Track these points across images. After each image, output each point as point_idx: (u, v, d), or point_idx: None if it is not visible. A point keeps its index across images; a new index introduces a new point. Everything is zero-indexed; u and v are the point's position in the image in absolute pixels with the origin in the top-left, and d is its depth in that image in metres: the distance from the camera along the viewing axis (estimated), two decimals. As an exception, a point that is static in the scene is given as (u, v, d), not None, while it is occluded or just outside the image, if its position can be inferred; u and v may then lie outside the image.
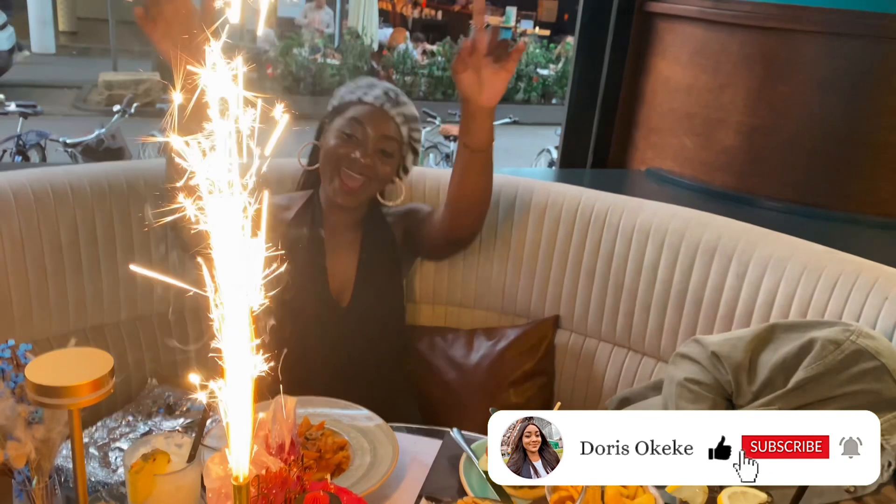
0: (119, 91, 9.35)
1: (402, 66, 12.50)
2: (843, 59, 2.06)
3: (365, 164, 1.58)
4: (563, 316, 1.92)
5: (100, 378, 0.79)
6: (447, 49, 12.90)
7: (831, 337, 1.22)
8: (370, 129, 1.59)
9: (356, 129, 1.59)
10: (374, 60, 12.63)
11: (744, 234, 1.69)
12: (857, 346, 1.19)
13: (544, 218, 1.90)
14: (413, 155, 1.70)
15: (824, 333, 1.23)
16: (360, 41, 12.50)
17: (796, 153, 2.14)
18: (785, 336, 1.29)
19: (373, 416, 1.30)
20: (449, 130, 6.90)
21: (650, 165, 2.49)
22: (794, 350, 1.24)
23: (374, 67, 12.53)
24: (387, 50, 12.89)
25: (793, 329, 1.30)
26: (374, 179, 1.61)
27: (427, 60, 12.88)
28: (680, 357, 1.37)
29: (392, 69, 12.49)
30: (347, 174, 1.58)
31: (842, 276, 1.55)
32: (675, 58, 2.34)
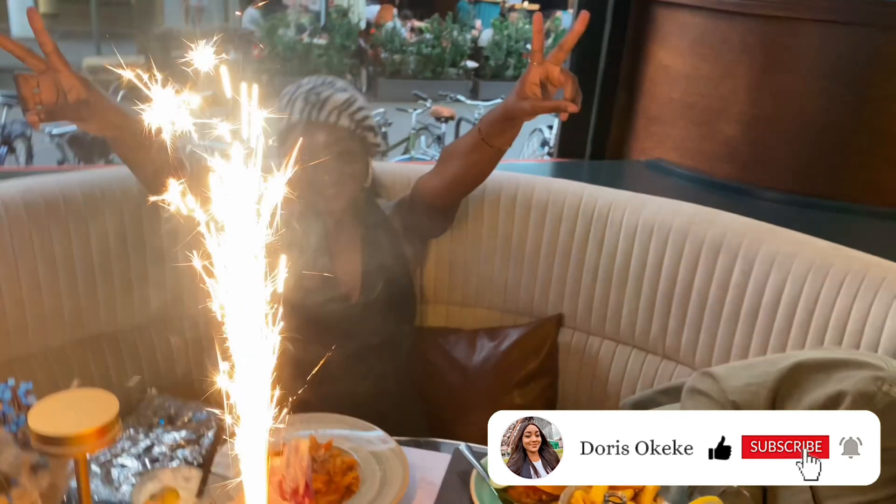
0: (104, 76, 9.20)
1: (390, 44, 12.35)
2: (846, 47, 2.03)
3: (332, 184, 1.55)
4: (567, 314, 1.90)
5: (106, 424, 0.77)
6: (436, 26, 12.75)
7: (861, 389, 1.14)
8: (314, 144, 1.51)
9: (304, 152, 1.49)
10: (362, 39, 12.48)
11: (749, 231, 1.67)
12: (889, 399, 1.12)
13: (546, 215, 1.87)
14: (371, 132, 1.61)
15: (853, 384, 1.15)
16: (346, 20, 12.33)
17: (798, 143, 2.12)
18: (810, 380, 1.21)
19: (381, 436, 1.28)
20: (440, 112, 6.82)
21: (650, 156, 2.46)
22: (819, 402, 1.17)
23: (361, 46, 12.39)
24: (374, 28, 12.73)
25: (818, 370, 1.21)
26: (347, 181, 1.57)
27: (416, 38, 12.73)
28: (696, 393, 1.30)
29: (380, 48, 12.35)
30: (321, 189, 1.55)
31: (849, 274, 1.53)
32: (674, 46, 2.30)
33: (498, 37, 13.17)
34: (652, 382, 1.79)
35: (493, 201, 1.90)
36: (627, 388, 1.82)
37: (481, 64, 13.11)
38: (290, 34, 11.85)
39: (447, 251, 1.93)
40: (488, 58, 13.12)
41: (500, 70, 13.08)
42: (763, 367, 1.27)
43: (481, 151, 1.56)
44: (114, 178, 1.69)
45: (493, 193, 1.90)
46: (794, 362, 1.24)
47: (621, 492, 1.06)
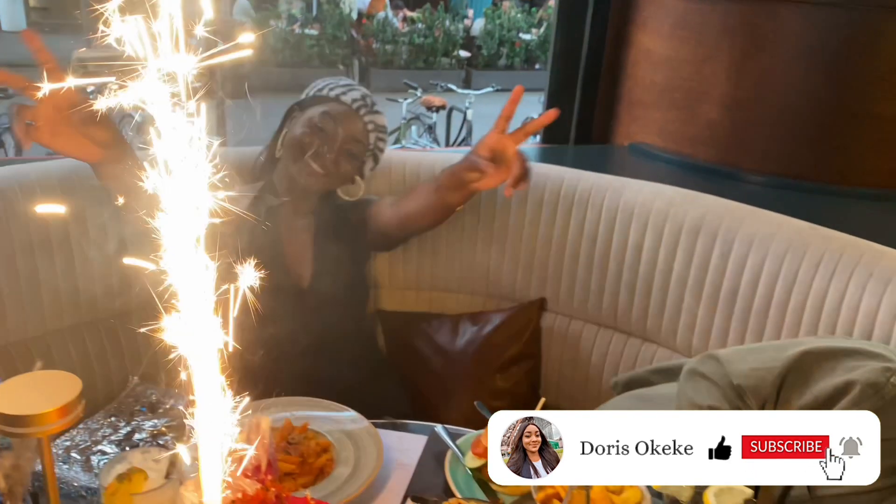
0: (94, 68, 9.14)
1: (382, 34, 12.30)
2: (826, 28, 2.03)
3: (329, 160, 1.59)
4: (549, 298, 1.91)
5: (68, 403, 0.77)
6: (428, 15, 12.70)
7: (870, 379, 1.13)
8: (341, 128, 1.60)
9: (327, 124, 1.59)
10: (354, 29, 12.42)
11: (728, 212, 1.68)
12: None
13: (527, 199, 1.87)
14: (373, 162, 1.73)
15: (862, 374, 1.15)
16: (338, 10, 12.27)
17: (780, 126, 2.12)
18: (818, 368, 1.20)
19: (356, 416, 1.28)
20: (431, 101, 6.81)
21: (633, 140, 2.47)
22: (827, 391, 1.17)
23: (353, 37, 12.33)
24: (366, 18, 12.67)
25: (826, 359, 1.21)
26: (334, 176, 1.62)
27: (408, 28, 12.69)
28: (697, 375, 1.30)
29: (372, 38, 12.30)
30: (309, 163, 1.58)
31: (826, 254, 1.54)
32: (656, 30, 2.29)
33: (490, 26, 13.12)
34: (634, 364, 1.80)
35: (475, 186, 1.89)
36: (610, 371, 1.82)
37: (474, 53, 13.07)
38: (282, 25, 11.80)
39: (430, 237, 1.93)
40: (481, 47, 13.08)
41: (492, 59, 13.03)
42: (770, 353, 1.26)
43: (434, 201, 1.60)
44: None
45: (474, 178, 1.90)
46: (802, 350, 1.23)
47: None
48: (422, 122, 6.86)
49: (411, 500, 1.14)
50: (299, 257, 1.68)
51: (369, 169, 1.73)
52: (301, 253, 1.68)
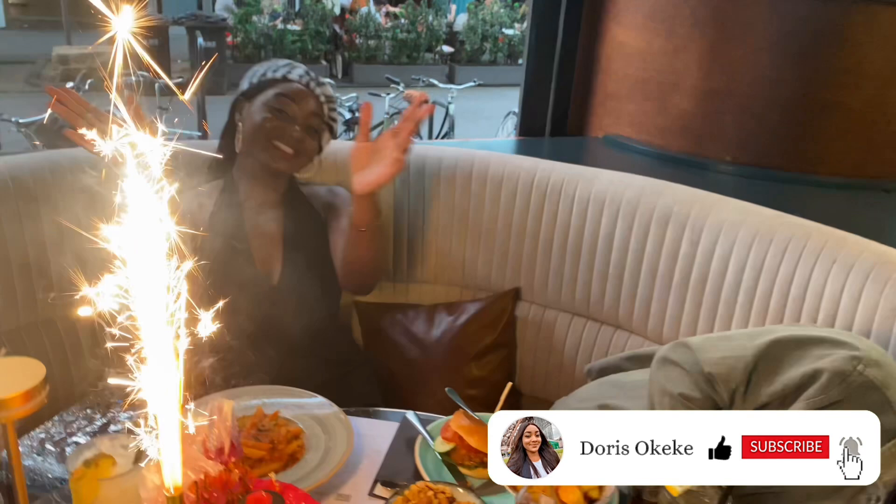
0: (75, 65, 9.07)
1: (364, 29, 12.28)
2: (794, 20, 2.06)
3: (298, 139, 1.61)
4: (523, 288, 1.93)
5: (32, 388, 0.78)
6: (410, 10, 12.68)
7: (838, 368, 1.15)
8: (299, 105, 1.62)
9: (286, 104, 1.61)
10: (337, 24, 12.39)
11: (697, 201, 1.70)
12: (864, 379, 1.13)
13: (501, 190, 1.89)
14: (330, 134, 1.74)
15: (830, 362, 1.17)
16: (320, 5, 12.23)
17: (749, 116, 2.15)
18: (787, 357, 1.22)
19: (325, 402, 1.30)
20: (413, 96, 6.81)
21: (608, 132, 2.49)
22: (795, 379, 1.18)
23: (336, 32, 12.30)
24: (349, 13, 12.64)
25: (795, 347, 1.23)
26: (302, 153, 1.64)
27: (391, 23, 12.67)
28: (669, 363, 1.31)
29: (355, 33, 12.27)
30: (280, 146, 1.59)
31: (792, 241, 1.57)
32: (628, 22, 2.32)
33: (473, 21, 13.13)
34: (607, 352, 1.82)
35: (450, 178, 1.91)
36: (583, 358, 1.85)
37: (457, 49, 13.07)
38: (264, 21, 11.74)
39: (405, 229, 1.94)
40: (464, 42, 13.09)
41: (475, 54, 13.04)
42: (740, 341, 1.28)
43: (348, 232, 1.64)
44: (64, 159, 1.68)
45: (448, 171, 1.92)
46: (771, 338, 1.25)
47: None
48: (404, 117, 6.86)
49: (381, 484, 1.16)
50: (268, 253, 1.68)
51: (326, 141, 1.73)
52: (270, 248, 1.68)
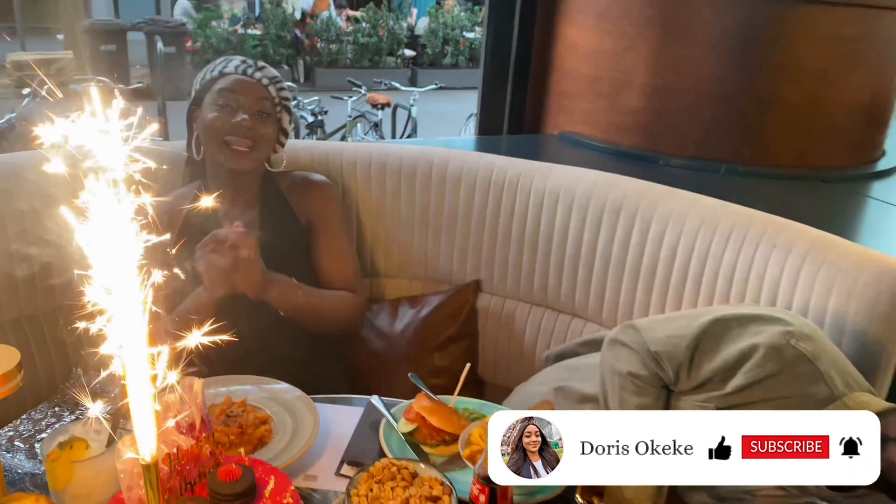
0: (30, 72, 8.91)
1: (326, 33, 12.27)
2: (737, 20, 2.16)
3: (248, 127, 1.60)
4: (484, 280, 1.99)
5: (6, 373, 0.81)
6: (372, 15, 12.71)
7: (773, 342, 1.24)
8: (242, 94, 1.62)
9: (229, 97, 1.62)
10: (298, 29, 12.36)
11: (645, 193, 1.78)
12: (797, 352, 1.23)
13: (461, 186, 1.95)
14: (287, 114, 1.73)
15: (765, 337, 1.25)
16: (281, 9, 12.19)
17: (696, 111, 2.25)
18: (726, 334, 1.30)
19: (292, 388, 1.34)
20: (376, 98, 6.85)
21: (563, 129, 2.57)
22: (734, 355, 1.27)
23: (297, 36, 12.27)
24: (310, 18, 12.62)
25: (733, 325, 1.31)
26: (260, 142, 1.64)
27: (352, 27, 12.69)
28: (618, 344, 1.38)
29: (316, 37, 12.26)
30: (233, 140, 1.60)
31: (735, 228, 1.65)
32: (581, 23, 2.41)
33: (434, 25, 13.21)
34: (564, 339, 1.89)
35: (410, 176, 1.97)
36: (542, 346, 1.92)
37: (419, 52, 13.13)
38: (224, 25, 11.67)
39: (368, 225, 1.99)
40: (425, 46, 13.15)
41: (437, 58, 13.12)
42: (684, 321, 1.36)
43: None
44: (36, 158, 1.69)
45: (409, 168, 1.97)
46: (712, 318, 1.33)
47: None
48: (367, 120, 6.90)
49: (347, 464, 1.21)
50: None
51: (288, 122, 1.73)
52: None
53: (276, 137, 1.70)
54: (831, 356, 1.28)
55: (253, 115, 1.62)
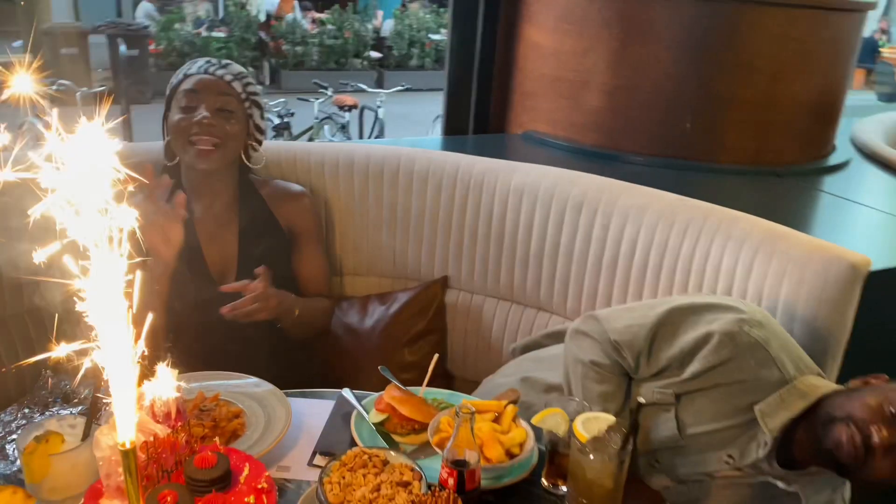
0: (-12, 77, 8.71)
1: (291, 36, 12.22)
2: (693, 21, 2.24)
3: (210, 125, 1.61)
4: (452, 276, 2.03)
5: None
6: (337, 17, 12.69)
7: (726, 329, 1.30)
8: (203, 93, 1.63)
9: (191, 98, 1.63)
10: (263, 31, 12.29)
11: (606, 189, 1.84)
12: (749, 339, 1.29)
13: (427, 185, 1.99)
14: (258, 109, 1.73)
15: (720, 325, 1.31)
16: (245, 12, 12.12)
17: (654, 110, 2.32)
18: (683, 322, 1.36)
19: (263, 382, 1.36)
20: (343, 100, 6.86)
21: (526, 128, 2.63)
22: (690, 342, 1.33)
23: (262, 39, 12.19)
24: (275, 20, 12.56)
25: (690, 313, 1.37)
26: (226, 139, 1.64)
27: (317, 29, 12.65)
28: (581, 334, 1.45)
29: (281, 39, 12.20)
30: (198, 140, 1.61)
31: (692, 222, 1.72)
32: (542, 24, 2.46)
33: (400, 27, 13.23)
34: (530, 332, 1.94)
35: (378, 175, 2.00)
36: (509, 339, 1.96)
37: (385, 54, 13.14)
38: (188, 28, 11.56)
39: (337, 224, 2.02)
40: (391, 48, 13.17)
41: (403, 60, 13.14)
42: (642, 311, 1.42)
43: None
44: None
45: (377, 167, 2.00)
46: (669, 307, 1.40)
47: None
48: (335, 122, 6.90)
49: (319, 454, 1.24)
50: (221, 257, 1.72)
51: (260, 118, 1.74)
52: (223, 252, 1.72)
53: (245, 134, 1.70)
54: (782, 341, 1.35)
55: (215, 113, 1.63)
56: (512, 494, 1.18)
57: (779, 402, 1.28)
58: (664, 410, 1.35)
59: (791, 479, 1.31)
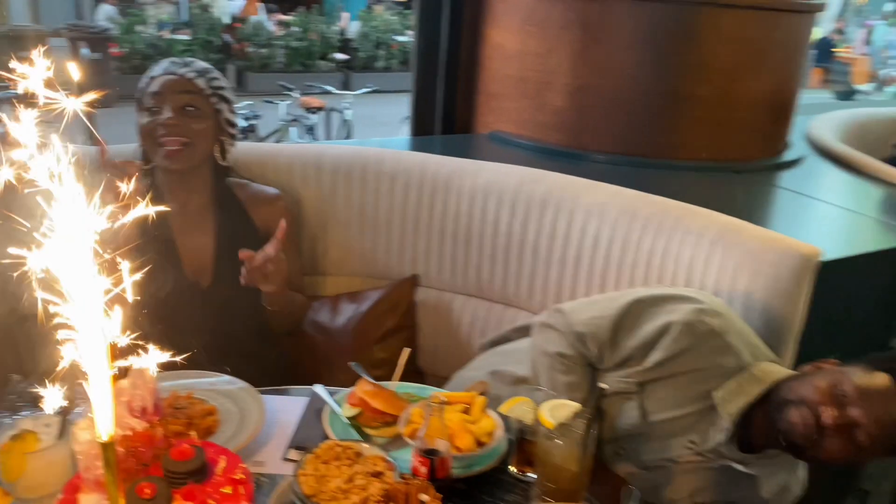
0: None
1: (256, 38, 12.14)
2: (652, 22, 2.30)
3: (174, 125, 1.62)
4: (422, 274, 2.06)
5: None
6: (302, 19, 12.64)
7: (685, 319, 1.36)
8: (166, 94, 1.64)
9: (155, 100, 1.64)
10: (227, 34, 12.19)
11: (569, 186, 1.89)
12: (707, 327, 1.35)
13: (396, 184, 2.02)
14: (226, 103, 1.73)
15: (679, 315, 1.37)
16: (208, 14, 12.01)
17: (616, 109, 2.38)
18: (644, 313, 1.42)
19: (236, 380, 1.38)
20: (309, 102, 6.85)
21: (492, 129, 2.67)
22: (651, 332, 1.38)
23: (226, 41, 12.10)
24: (239, 22, 12.47)
25: (651, 304, 1.43)
26: (194, 138, 1.65)
27: (283, 31, 12.59)
28: (547, 327, 1.50)
29: (246, 42, 12.11)
30: (165, 141, 1.62)
31: (653, 217, 1.77)
32: (506, 26, 2.51)
33: (365, 29, 13.23)
34: (499, 328, 1.97)
35: (347, 175, 2.02)
36: (478, 335, 2.00)
37: (352, 56, 13.13)
38: (151, 31, 11.42)
39: (307, 224, 2.04)
40: (357, 49, 13.16)
41: (370, 61, 13.14)
42: (605, 303, 1.48)
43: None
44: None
45: (345, 167, 2.03)
46: (630, 299, 1.45)
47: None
48: (302, 124, 6.89)
49: (293, 449, 1.27)
50: (197, 257, 1.73)
51: (228, 112, 1.73)
52: (199, 253, 1.73)
53: (215, 130, 1.70)
54: (739, 330, 1.41)
55: (180, 112, 1.63)
56: (482, 482, 1.22)
57: (736, 388, 1.34)
58: (628, 399, 1.40)
59: (750, 462, 1.36)
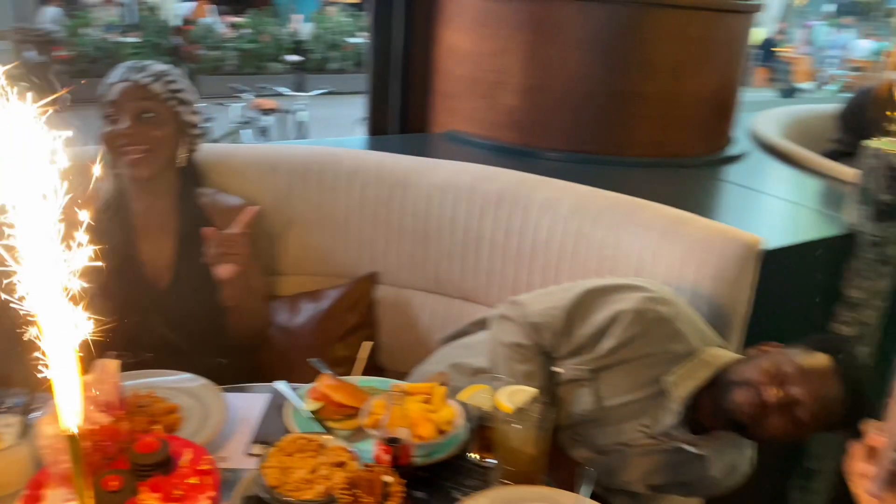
0: None
1: (207, 40, 11.98)
2: (600, 22, 2.37)
3: (130, 134, 1.61)
4: (381, 271, 2.09)
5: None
6: (254, 21, 12.52)
7: (635, 307, 1.41)
8: (122, 102, 1.62)
9: (113, 108, 1.63)
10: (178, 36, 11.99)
11: (522, 183, 1.94)
12: (656, 315, 1.40)
13: (354, 183, 2.04)
14: (185, 105, 1.71)
15: (628, 303, 1.42)
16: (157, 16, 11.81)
17: (566, 108, 2.44)
18: (595, 302, 1.47)
19: (196, 377, 1.39)
20: (262, 104, 6.81)
21: (448, 128, 2.71)
22: (603, 320, 1.43)
23: (176, 44, 11.90)
24: (190, 24, 12.28)
25: (603, 294, 1.48)
26: (154, 144, 1.64)
27: (234, 33, 12.44)
28: (504, 319, 1.54)
29: (197, 44, 11.94)
30: (125, 150, 1.62)
31: (604, 211, 1.83)
32: (458, 27, 2.55)
33: (319, 30, 13.16)
34: (457, 322, 2.01)
35: (304, 174, 2.04)
36: (437, 330, 2.03)
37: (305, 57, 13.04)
38: (98, 33, 11.17)
39: (265, 224, 2.03)
40: (310, 51, 13.08)
41: (323, 63, 13.07)
42: (559, 294, 1.53)
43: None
44: None
45: (302, 167, 2.04)
46: (583, 289, 1.50)
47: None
48: (255, 126, 6.84)
49: (256, 444, 1.28)
50: (157, 259, 1.72)
51: (190, 114, 1.73)
52: (159, 255, 1.72)
53: (176, 134, 1.69)
54: (687, 317, 1.47)
55: (137, 120, 1.62)
56: (444, 469, 1.25)
57: (686, 372, 1.40)
58: (582, 386, 1.45)
59: (699, 444, 1.43)
